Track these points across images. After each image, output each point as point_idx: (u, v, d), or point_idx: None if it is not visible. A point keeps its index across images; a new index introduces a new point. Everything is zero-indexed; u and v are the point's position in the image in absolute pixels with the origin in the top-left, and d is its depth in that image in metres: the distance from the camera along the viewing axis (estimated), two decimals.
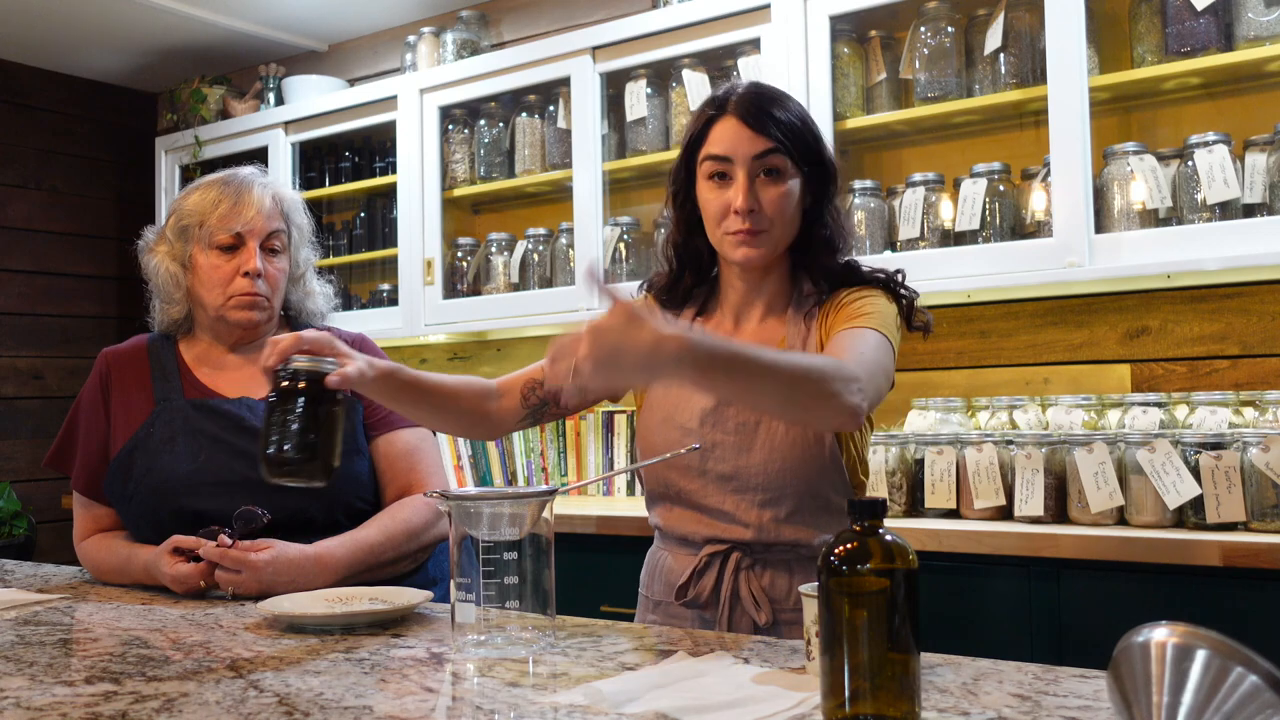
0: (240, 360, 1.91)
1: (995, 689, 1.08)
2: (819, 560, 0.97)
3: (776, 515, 1.50)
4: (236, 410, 1.82)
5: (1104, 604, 2.11)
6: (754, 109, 1.51)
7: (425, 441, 1.91)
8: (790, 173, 1.51)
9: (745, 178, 1.49)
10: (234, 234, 1.83)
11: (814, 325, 1.55)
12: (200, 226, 1.85)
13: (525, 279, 3.47)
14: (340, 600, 1.53)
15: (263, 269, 1.84)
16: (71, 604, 1.67)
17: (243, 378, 1.89)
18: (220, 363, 1.91)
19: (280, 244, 1.89)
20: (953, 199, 2.73)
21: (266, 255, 1.86)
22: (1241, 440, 2.16)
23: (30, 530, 4.10)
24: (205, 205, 1.85)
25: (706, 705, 1.03)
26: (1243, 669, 0.76)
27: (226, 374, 1.89)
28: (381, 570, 1.75)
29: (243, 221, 1.83)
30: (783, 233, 1.53)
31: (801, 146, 1.52)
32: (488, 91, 3.48)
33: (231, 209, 1.83)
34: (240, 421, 1.80)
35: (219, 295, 1.84)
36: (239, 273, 1.83)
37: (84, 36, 4.15)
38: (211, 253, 1.84)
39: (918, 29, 2.76)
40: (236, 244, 1.84)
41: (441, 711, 1.04)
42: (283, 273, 1.90)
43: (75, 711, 1.05)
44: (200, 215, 1.85)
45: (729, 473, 1.52)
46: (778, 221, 1.51)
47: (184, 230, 1.87)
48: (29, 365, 4.41)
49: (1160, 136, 2.63)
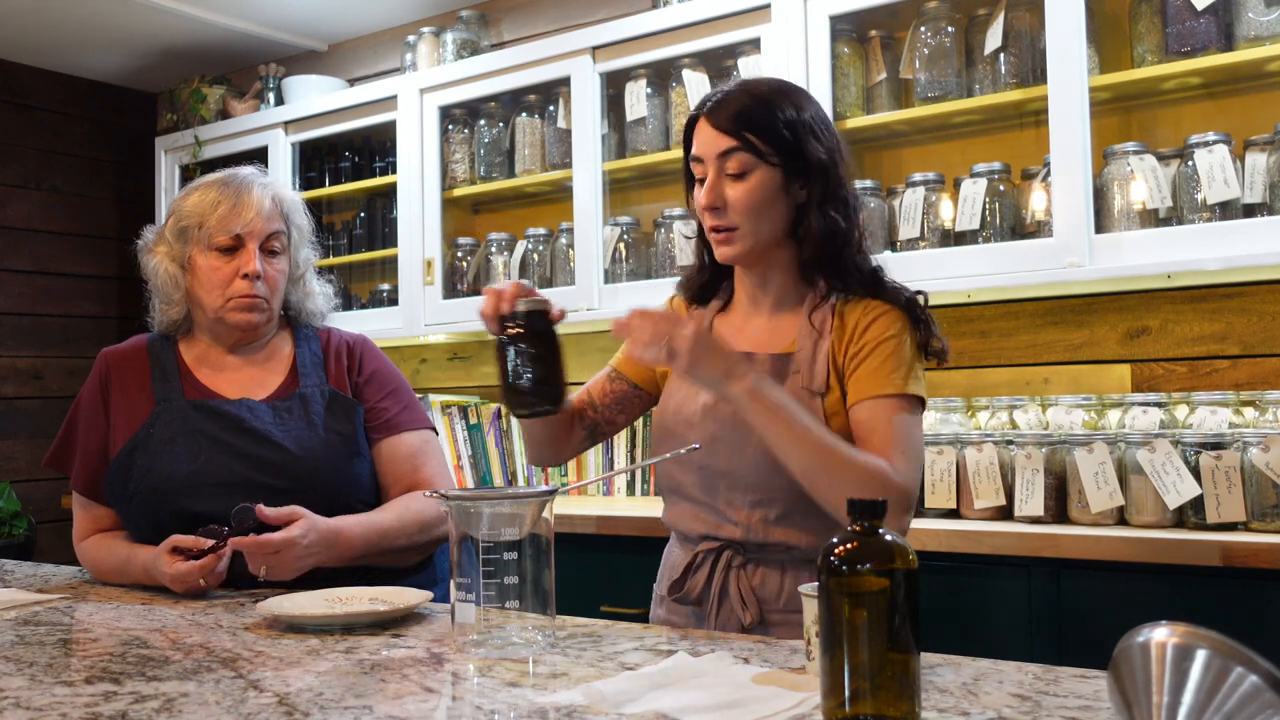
0: (240, 361, 1.90)
1: (995, 689, 1.08)
2: (819, 560, 0.97)
3: (766, 516, 1.50)
4: (237, 411, 1.81)
5: (1104, 604, 2.11)
6: (720, 109, 1.52)
7: (430, 443, 1.91)
8: (758, 169, 1.50)
9: (712, 176, 1.52)
10: (233, 235, 1.82)
11: (827, 333, 1.53)
12: (199, 228, 1.84)
13: (525, 279, 3.46)
14: (340, 601, 1.53)
15: (262, 271, 1.83)
16: (71, 604, 1.67)
17: (242, 379, 1.88)
18: (220, 364, 1.90)
19: (280, 245, 1.88)
20: (953, 199, 2.73)
21: (266, 256, 1.85)
22: (1242, 440, 2.16)
23: (30, 530, 4.10)
24: (204, 206, 1.84)
25: (706, 705, 1.03)
26: (1243, 669, 0.76)
27: (226, 375, 1.89)
28: (392, 557, 1.75)
29: (242, 223, 1.82)
30: (755, 228, 1.52)
31: (774, 140, 1.50)
32: (488, 91, 3.48)
33: (231, 210, 1.83)
34: (241, 422, 1.80)
35: (218, 297, 1.84)
36: (238, 274, 1.83)
37: (84, 36, 4.15)
38: (211, 254, 1.84)
39: (918, 29, 2.76)
40: (236, 245, 1.83)
41: (441, 711, 1.04)
42: (282, 274, 1.89)
43: (75, 711, 1.05)
44: (199, 217, 1.84)
45: (724, 469, 1.53)
46: (747, 218, 1.51)
47: (183, 231, 1.86)
48: (29, 365, 4.41)
49: (1160, 136, 2.63)
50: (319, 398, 1.86)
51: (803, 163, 1.52)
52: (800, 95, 1.56)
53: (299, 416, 1.82)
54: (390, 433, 1.88)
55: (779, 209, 1.53)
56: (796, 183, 1.52)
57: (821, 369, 1.51)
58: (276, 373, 1.90)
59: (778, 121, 1.51)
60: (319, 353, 1.94)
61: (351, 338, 1.99)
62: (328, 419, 1.84)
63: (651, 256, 3.26)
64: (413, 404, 1.95)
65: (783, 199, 1.52)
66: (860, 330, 1.50)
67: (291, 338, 1.96)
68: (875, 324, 1.50)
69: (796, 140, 1.51)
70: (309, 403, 1.84)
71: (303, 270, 1.96)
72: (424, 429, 1.93)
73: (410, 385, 2.01)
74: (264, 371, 1.90)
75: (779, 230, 1.54)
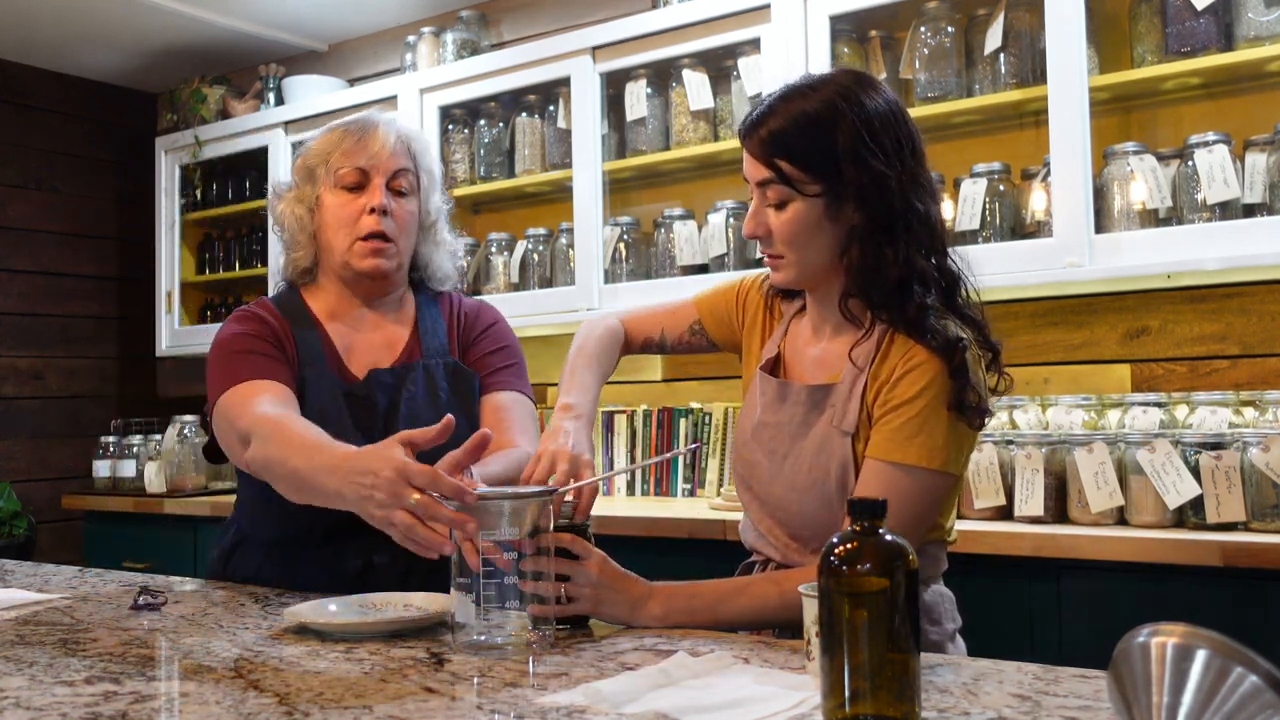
0: (375, 317, 1.83)
1: (995, 689, 1.08)
2: (819, 560, 0.97)
3: (802, 548, 1.48)
4: (370, 393, 1.74)
5: (1104, 604, 2.11)
6: (755, 130, 1.41)
7: (521, 405, 1.83)
8: (795, 200, 1.40)
9: (755, 203, 1.45)
10: (358, 170, 1.76)
11: (866, 373, 1.42)
12: (325, 165, 1.78)
13: (525, 279, 3.47)
14: (374, 606, 1.49)
15: (390, 207, 1.76)
16: (71, 604, 1.67)
17: (375, 340, 1.81)
18: (353, 319, 1.82)
19: (408, 185, 1.80)
20: (953, 199, 2.73)
21: (394, 196, 1.78)
22: (1241, 440, 2.16)
23: (30, 530, 4.10)
24: (329, 144, 1.79)
25: (706, 705, 1.03)
26: (1243, 669, 0.76)
27: (359, 334, 1.81)
28: None
29: (368, 156, 1.76)
30: (801, 258, 1.43)
31: (811, 169, 1.38)
32: (488, 91, 3.48)
33: (356, 144, 1.77)
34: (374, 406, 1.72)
35: (345, 237, 1.76)
36: (365, 211, 1.76)
37: (84, 36, 4.15)
38: (338, 192, 1.77)
39: (918, 29, 2.76)
40: (362, 181, 1.77)
41: (441, 711, 1.04)
42: (411, 215, 1.81)
43: (75, 711, 1.05)
44: (325, 154, 1.79)
45: (763, 495, 1.52)
46: (791, 248, 1.43)
47: (310, 171, 1.81)
48: (29, 365, 4.41)
49: (1160, 136, 2.63)
50: (442, 371, 1.80)
51: (848, 189, 1.38)
52: (852, 104, 1.39)
53: (424, 390, 1.77)
54: (486, 390, 1.82)
55: (825, 236, 1.41)
56: (848, 205, 1.39)
57: (854, 410, 1.42)
58: (401, 335, 1.83)
59: (814, 148, 1.38)
60: (442, 320, 1.87)
61: (472, 303, 1.93)
62: (452, 396, 1.79)
63: (651, 256, 3.26)
64: (518, 369, 1.87)
65: (828, 226, 1.41)
66: (893, 380, 1.39)
67: (414, 299, 1.88)
68: (907, 377, 1.38)
69: (839, 167, 1.37)
70: (433, 376, 1.79)
71: (434, 218, 1.87)
72: (519, 392, 1.84)
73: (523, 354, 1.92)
74: (391, 333, 1.83)
75: (831, 256, 1.43)
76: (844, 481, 1.42)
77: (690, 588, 1.43)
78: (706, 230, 3.10)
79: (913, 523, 1.36)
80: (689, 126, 3.14)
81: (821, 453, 1.44)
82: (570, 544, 1.40)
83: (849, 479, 1.42)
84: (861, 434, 1.42)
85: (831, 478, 1.43)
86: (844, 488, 1.42)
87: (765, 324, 1.62)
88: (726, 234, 3.07)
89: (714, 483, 3.11)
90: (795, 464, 1.47)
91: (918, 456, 1.36)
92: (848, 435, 1.42)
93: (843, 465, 1.42)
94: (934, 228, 1.43)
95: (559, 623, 1.40)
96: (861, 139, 1.37)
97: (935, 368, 1.37)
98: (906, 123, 1.44)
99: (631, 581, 1.42)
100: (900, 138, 1.41)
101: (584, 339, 1.66)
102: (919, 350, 1.38)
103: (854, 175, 1.37)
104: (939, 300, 1.43)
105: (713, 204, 3.12)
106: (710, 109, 3.11)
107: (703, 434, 3.16)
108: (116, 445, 4.08)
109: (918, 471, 1.36)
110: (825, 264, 1.44)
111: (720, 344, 1.69)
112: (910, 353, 1.39)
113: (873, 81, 1.44)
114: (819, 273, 1.46)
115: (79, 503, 4.02)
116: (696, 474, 3.16)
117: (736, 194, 3.17)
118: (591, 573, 1.39)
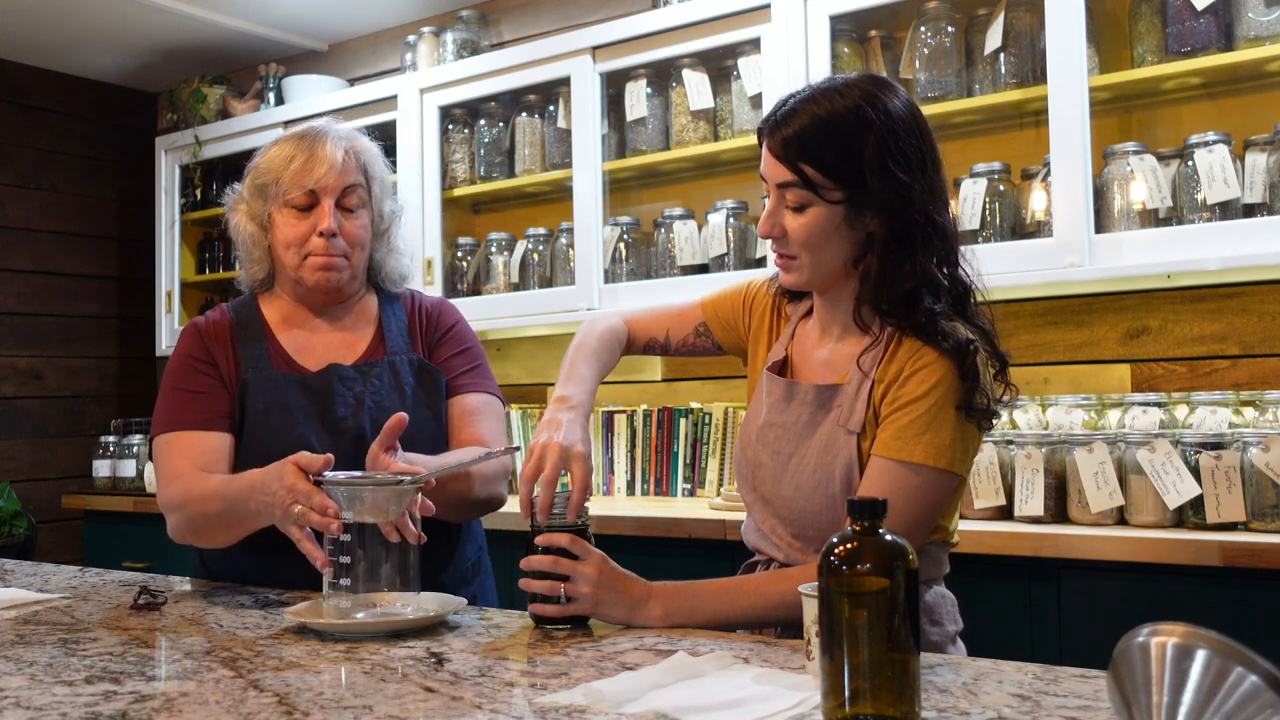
0: (327, 325, 1.86)
1: (995, 689, 1.08)
2: (819, 560, 0.97)
3: (806, 548, 1.48)
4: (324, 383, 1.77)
5: (1104, 604, 2.11)
6: (779, 130, 1.40)
7: (491, 406, 1.86)
8: (815, 204, 1.39)
9: (772, 203, 1.44)
10: (307, 192, 1.77)
11: (872, 375, 1.42)
12: (275, 185, 1.79)
13: (525, 279, 3.47)
14: (374, 606, 1.49)
15: (339, 227, 1.78)
16: (71, 604, 1.67)
17: (330, 342, 1.84)
18: (306, 325, 1.85)
19: (358, 200, 1.81)
20: (953, 199, 2.73)
21: (344, 213, 1.79)
22: (1241, 440, 2.16)
23: (30, 530, 4.10)
24: (279, 162, 1.80)
25: (706, 705, 1.03)
26: (1243, 669, 0.76)
27: (313, 337, 1.84)
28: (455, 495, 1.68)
29: (315, 179, 1.76)
30: (815, 261, 1.43)
31: (834, 174, 1.37)
32: (488, 91, 3.48)
33: (304, 166, 1.77)
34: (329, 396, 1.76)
35: (295, 255, 1.79)
36: (314, 232, 1.77)
37: (84, 36, 4.15)
38: (287, 212, 1.79)
39: (918, 29, 2.76)
40: (311, 202, 1.78)
41: (441, 711, 1.04)
42: (363, 229, 1.83)
43: (75, 711, 1.05)
44: (274, 173, 1.79)
45: (767, 496, 1.52)
46: (806, 250, 1.42)
47: (261, 189, 1.82)
48: (29, 365, 4.41)
49: (1160, 136, 2.63)
50: (408, 367, 1.83)
51: (871, 198, 1.38)
52: (879, 113, 1.38)
53: (389, 385, 1.79)
54: (453, 394, 1.84)
55: (841, 242, 1.42)
56: (868, 212, 1.39)
57: (860, 409, 1.42)
58: (363, 336, 1.86)
59: (840, 155, 1.37)
60: (404, 318, 1.89)
61: (432, 300, 1.95)
62: (418, 390, 1.81)
63: (651, 256, 3.26)
64: (483, 369, 1.90)
65: (846, 232, 1.41)
66: (901, 379, 1.40)
67: (377, 300, 1.91)
68: (915, 376, 1.38)
69: (863, 177, 1.37)
70: (398, 372, 1.81)
71: (387, 224, 1.89)
72: (488, 394, 1.87)
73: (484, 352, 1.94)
74: (351, 335, 1.86)
75: (845, 261, 1.44)
76: (849, 481, 1.42)
77: (690, 587, 1.43)
78: (706, 230, 3.10)
79: (916, 522, 1.36)
80: (689, 126, 3.14)
81: (827, 452, 1.45)
82: (570, 544, 1.41)
83: (854, 479, 1.42)
84: (868, 434, 1.42)
85: (837, 477, 1.43)
86: (849, 487, 1.42)
87: (772, 327, 1.62)
88: (726, 234, 3.07)
89: (714, 483, 3.11)
90: (801, 464, 1.47)
91: (924, 455, 1.36)
92: (854, 435, 1.43)
93: (848, 465, 1.42)
94: (949, 239, 1.43)
95: (559, 623, 1.41)
96: (888, 149, 1.37)
97: (944, 367, 1.38)
98: (928, 132, 1.43)
99: (631, 581, 1.42)
100: (923, 149, 1.41)
101: (585, 335, 1.66)
102: (928, 350, 1.39)
103: (878, 186, 1.37)
104: (949, 308, 1.43)
105: (713, 204, 3.13)
106: (710, 109, 3.11)
107: (703, 434, 3.16)
108: (116, 445, 4.08)
109: (924, 470, 1.36)
110: (838, 268, 1.45)
111: (725, 347, 1.69)
112: (919, 352, 1.39)
113: (895, 88, 1.43)
114: (831, 276, 1.46)
115: (79, 503, 4.02)
116: (696, 474, 3.16)
117: (736, 194, 3.17)
118: (591, 573, 1.40)
